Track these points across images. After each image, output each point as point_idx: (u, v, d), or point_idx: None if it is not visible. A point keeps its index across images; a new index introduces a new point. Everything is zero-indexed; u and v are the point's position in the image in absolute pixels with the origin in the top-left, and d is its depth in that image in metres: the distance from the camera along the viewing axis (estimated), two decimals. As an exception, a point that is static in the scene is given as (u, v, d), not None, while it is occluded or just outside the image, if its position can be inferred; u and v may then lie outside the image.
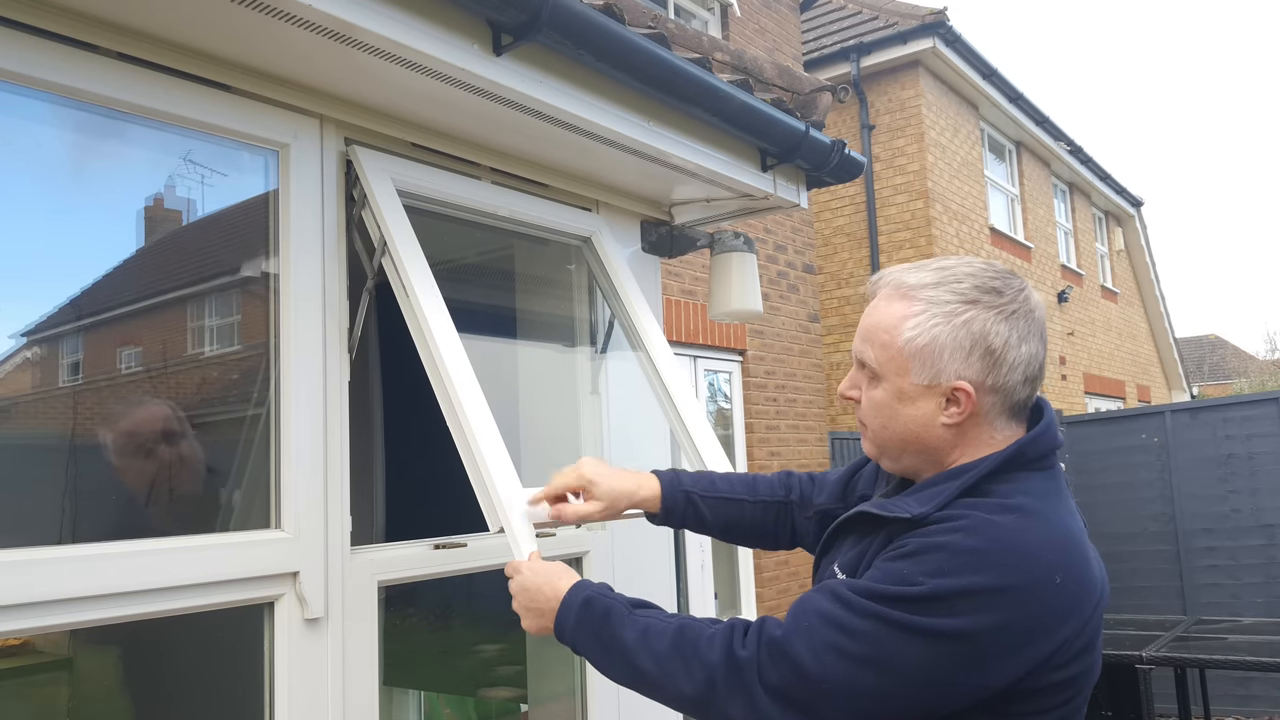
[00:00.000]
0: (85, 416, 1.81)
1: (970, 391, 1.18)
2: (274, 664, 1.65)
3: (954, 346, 1.18)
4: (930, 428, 1.21)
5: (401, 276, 1.80)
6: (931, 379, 1.19)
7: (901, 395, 1.22)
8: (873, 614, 1.09)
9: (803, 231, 8.11)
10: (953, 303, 1.19)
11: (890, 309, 1.23)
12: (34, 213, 1.58)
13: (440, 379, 1.72)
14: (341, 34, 1.56)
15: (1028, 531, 1.10)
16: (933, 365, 1.18)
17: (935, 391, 1.19)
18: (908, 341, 1.19)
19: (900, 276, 1.24)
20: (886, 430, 1.25)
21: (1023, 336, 1.19)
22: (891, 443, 1.26)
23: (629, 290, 2.37)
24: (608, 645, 1.30)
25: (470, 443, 1.65)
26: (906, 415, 1.22)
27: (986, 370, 1.18)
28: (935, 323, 1.18)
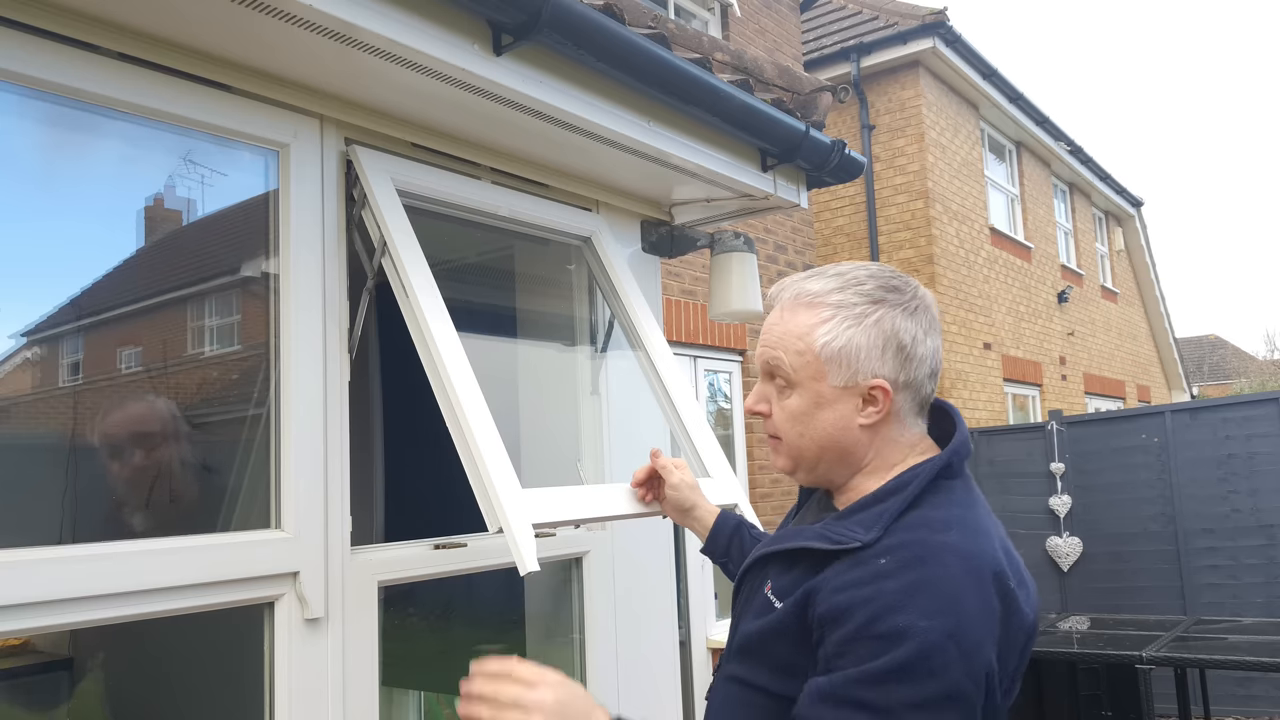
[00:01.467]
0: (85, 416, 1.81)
1: (888, 389, 1.20)
2: (274, 664, 1.65)
3: (869, 346, 1.20)
4: (848, 430, 1.22)
5: (401, 277, 1.80)
6: (849, 380, 1.21)
7: (819, 400, 1.23)
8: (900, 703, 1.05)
9: (803, 232, 8.11)
10: (860, 304, 1.21)
11: (799, 318, 1.24)
12: (34, 213, 1.58)
13: (439, 379, 1.72)
14: (342, 34, 1.56)
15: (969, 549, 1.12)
16: (850, 366, 1.21)
17: (853, 392, 1.21)
18: (824, 346, 1.21)
19: (802, 285, 1.26)
20: (804, 438, 1.25)
21: (926, 331, 1.23)
22: (809, 451, 1.26)
23: (629, 290, 2.37)
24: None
25: (469, 443, 1.65)
26: (824, 419, 1.23)
27: (899, 367, 1.21)
28: (848, 324, 1.21)
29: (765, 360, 1.27)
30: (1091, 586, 7.20)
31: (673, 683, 2.56)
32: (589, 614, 2.32)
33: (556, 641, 2.45)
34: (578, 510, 1.77)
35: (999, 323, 10.88)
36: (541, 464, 2.54)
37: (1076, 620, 5.50)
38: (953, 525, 1.14)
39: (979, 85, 10.58)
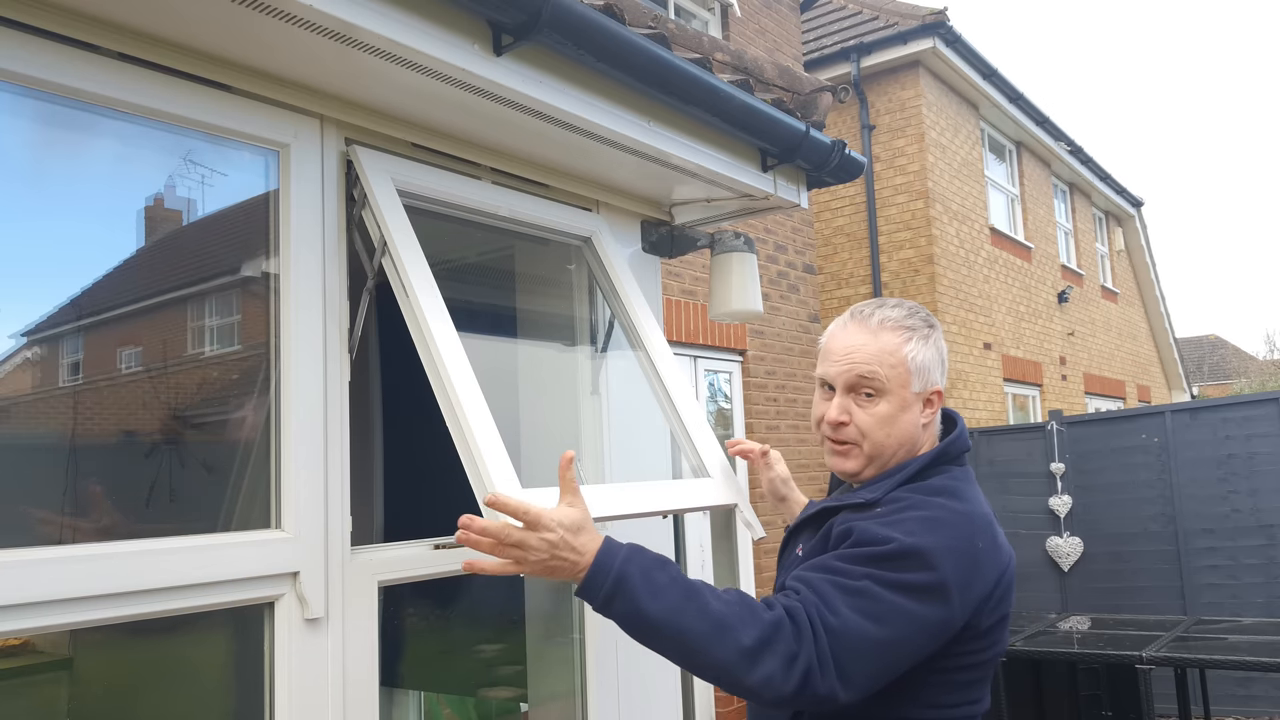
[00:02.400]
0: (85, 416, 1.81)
1: (941, 394, 1.56)
2: (274, 664, 1.65)
3: (934, 362, 1.54)
4: (917, 428, 1.53)
5: (401, 277, 1.80)
6: (923, 388, 1.53)
7: (904, 404, 1.51)
8: (866, 575, 1.33)
9: (803, 231, 8.11)
10: (923, 328, 1.55)
11: (888, 338, 1.52)
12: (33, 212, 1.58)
13: (439, 379, 1.72)
14: (342, 34, 1.56)
15: (957, 508, 1.42)
16: (925, 377, 1.53)
17: (920, 398, 1.53)
18: (911, 359, 1.51)
19: (883, 313, 1.55)
20: (890, 438, 1.51)
21: (946, 349, 1.59)
22: (891, 448, 1.52)
23: (629, 290, 2.37)
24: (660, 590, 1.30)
25: (469, 443, 1.65)
26: (906, 420, 1.52)
27: (942, 376, 1.56)
28: (920, 344, 1.53)
29: (856, 375, 1.52)
30: (1091, 586, 7.20)
31: (673, 682, 2.56)
32: (589, 614, 2.32)
33: (556, 641, 2.45)
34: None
35: (999, 323, 10.88)
36: (541, 464, 2.54)
37: (1076, 620, 5.50)
38: (943, 492, 1.45)
39: (979, 85, 10.57)
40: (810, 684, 1.26)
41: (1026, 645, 4.72)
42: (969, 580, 1.35)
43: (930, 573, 1.32)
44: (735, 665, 1.27)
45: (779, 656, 1.26)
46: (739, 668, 1.27)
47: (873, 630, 1.29)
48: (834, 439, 1.56)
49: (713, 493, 2.04)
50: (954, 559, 1.34)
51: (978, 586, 1.37)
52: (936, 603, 1.32)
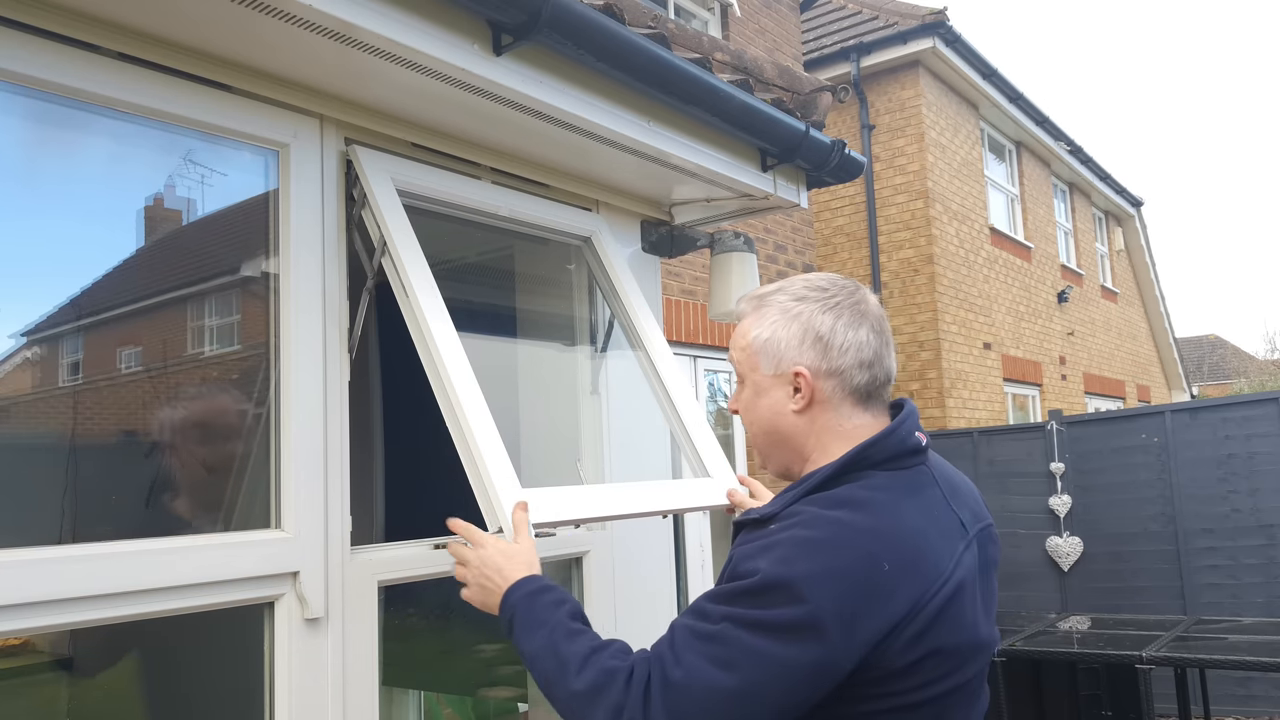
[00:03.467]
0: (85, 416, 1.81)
1: (806, 374, 1.33)
2: (274, 664, 1.65)
3: (788, 338, 1.35)
4: (783, 415, 1.36)
5: (401, 276, 1.80)
6: (776, 368, 1.36)
7: (759, 389, 1.39)
8: (725, 616, 1.18)
9: (803, 231, 8.11)
10: (787, 303, 1.38)
11: (745, 321, 1.42)
12: (33, 212, 1.58)
13: (439, 379, 1.72)
14: (342, 34, 1.56)
15: (856, 522, 1.20)
16: (774, 355, 1.36)
17: (782, 380, 1.36)
18: (755, 339, 1.38)
19: (754, 292, 1.45)
20: (754, 426, 1.41)
21: (849, 325, 1.34)
22: (758, 438, 1.41)
23: (629, 290, 2.37)
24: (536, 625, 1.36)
25: (469, 443, 1.65)
26: (763, 405, 1.38)
27: (819, 356, 1.33)
28: (774, 320, 1.37)
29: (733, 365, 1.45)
30: (1091, 586, 7.20)
31: (673, 683, 2.56)
32: (589, 613, 2.31)
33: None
34: (578, 510, 1.77)
35: (999, 323, 10.88)
36: (541, 464, 2.54)
37: (1076, 620, 5.50)
38: (847, 504, 1.23)
39: (979, 85, 10.58)
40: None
41: (1026, 645, 4.72)
42: (857, 611, 1.13)
43: (796, 607, 1.13)
44: (572, 708, 1.26)
45: (605, 708, 1.20)
46: (574, 710, 1.25)
47: (722, 679, 1.14)
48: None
49: (713, 492, 2.04)
50: (834, 587, 1.13)
51: (875, 617, 1.14)
52: (805, 642, 1.12)
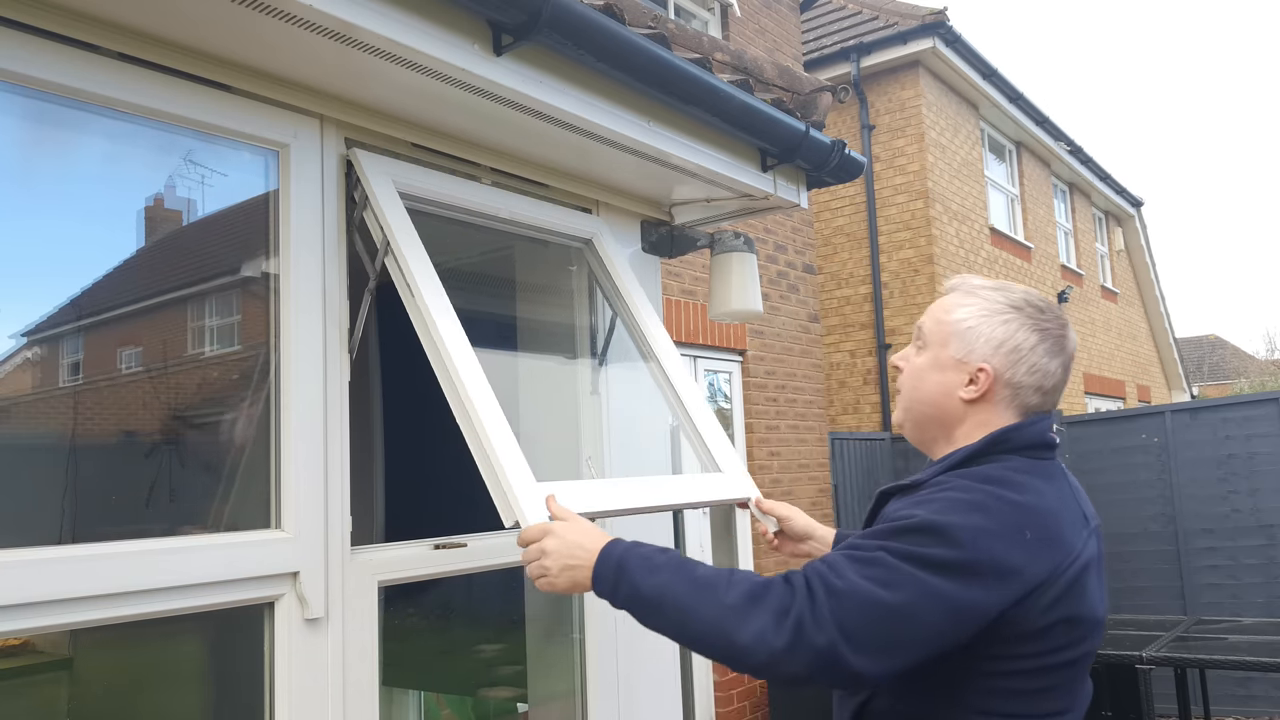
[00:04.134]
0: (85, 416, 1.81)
1: (990, 374, 1.41)
2: (274, 664, 1.65)
3: (989, 336, 1.42)
4: (949, 396, 1.44)
5: (405, 275, 1.80)
6: (964, 355, 1.43)
7: (938, 364, 1.45)
8: (881, 547, 1.26)
9: (803, 231, 8.11)
10: (1000, 305, 1.44)
11: (954, 299, 1.49)
12: (33, 212, 1.58)
13: (448, 376, 1.71)
14: (342, 34, 1.56)
15: (1003, 494, 1.30)
16: (968, 345, 1.43)
17: (963, 368, 1.43)
18: (958, 320, 1.45)
19: (972, 279, 1.51)
20: (916, 391, 1.48)
21: (1047, 352, 1.43)
22: (916, 404, 1.49)
23: (632, 291, 2.37)
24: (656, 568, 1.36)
25: (481, 438, 1.64)
26: (934, 380, 1.45)
27: (1007, 364, 1.41)
28: (983, 314, 1.44)
29: (917, 326, 1.52)
30: (1091, 586, 7.19)
31: (673, 682, 2.56)
32: (589, 614, 2.32)
33: (556, 641, 2.45)
34: (594, 503, 1.76)
35: (999, 323, 10.86)
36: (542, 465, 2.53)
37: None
38: (993, 481, 1.33)
39: (979, 85, 10.58)
40: (805, 637, 1.20)
41: (1026, 645, 4.69)
42: (1006, 564, 1.23)
43: (953, 549, 1.22)
44: (723, 622, 1.25)
45: (768, 610, 1.23)
46: (727, 624, 1.25)
47: (883, 595, 1.21)
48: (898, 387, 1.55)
49: (725, 487, 2.04)
50: (985, 540, 1.24)
51: (1020, 574, 1.24)
52: (959, 580, 1.21)
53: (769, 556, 6.99)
